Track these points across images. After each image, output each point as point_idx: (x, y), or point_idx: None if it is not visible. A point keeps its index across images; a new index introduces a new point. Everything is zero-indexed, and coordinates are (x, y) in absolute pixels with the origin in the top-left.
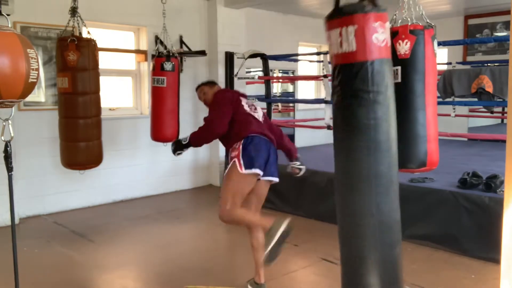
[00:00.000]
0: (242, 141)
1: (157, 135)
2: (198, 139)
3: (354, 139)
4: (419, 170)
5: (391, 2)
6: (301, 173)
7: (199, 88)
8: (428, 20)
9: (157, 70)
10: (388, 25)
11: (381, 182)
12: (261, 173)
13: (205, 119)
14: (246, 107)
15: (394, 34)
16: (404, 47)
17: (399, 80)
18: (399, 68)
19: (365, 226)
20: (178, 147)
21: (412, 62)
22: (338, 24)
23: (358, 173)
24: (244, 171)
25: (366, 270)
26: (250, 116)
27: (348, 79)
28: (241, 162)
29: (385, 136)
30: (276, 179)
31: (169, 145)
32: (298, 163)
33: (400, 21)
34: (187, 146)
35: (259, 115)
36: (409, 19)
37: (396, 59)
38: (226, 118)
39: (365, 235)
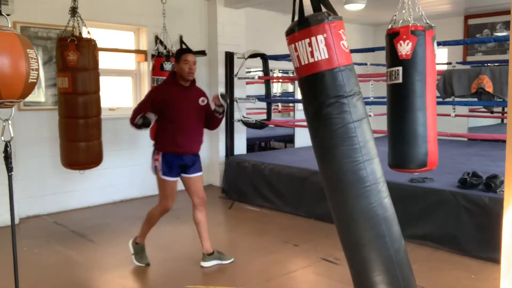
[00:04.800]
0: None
1: None
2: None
3: (341, 146)
4: (419, 171)
5: (391, 2)
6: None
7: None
8: (427, 21)
9: (157, 70)
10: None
11: (376, 179)
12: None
13: None
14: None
15: (395, 35)
16: (405, 48)
17: (400, 80)
18: (400, 68)
19: (376, 225)
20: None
21: (414, 62)
22: (307, 34)
23: (356, 177)
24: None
25: (384, 270)
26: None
27: (324, 88)
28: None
29: (368, 134)
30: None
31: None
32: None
33: (401, 21)
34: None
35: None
36: (409, 19)
37: (397, 59)
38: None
39: (376, 236)
